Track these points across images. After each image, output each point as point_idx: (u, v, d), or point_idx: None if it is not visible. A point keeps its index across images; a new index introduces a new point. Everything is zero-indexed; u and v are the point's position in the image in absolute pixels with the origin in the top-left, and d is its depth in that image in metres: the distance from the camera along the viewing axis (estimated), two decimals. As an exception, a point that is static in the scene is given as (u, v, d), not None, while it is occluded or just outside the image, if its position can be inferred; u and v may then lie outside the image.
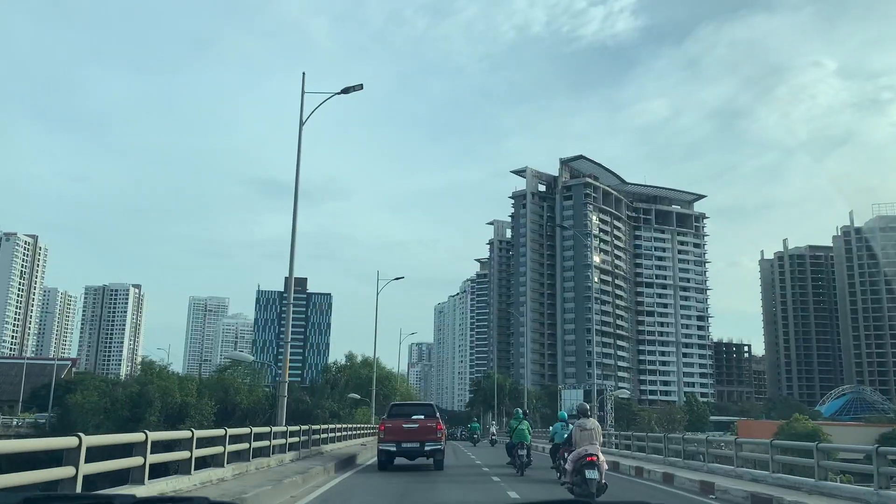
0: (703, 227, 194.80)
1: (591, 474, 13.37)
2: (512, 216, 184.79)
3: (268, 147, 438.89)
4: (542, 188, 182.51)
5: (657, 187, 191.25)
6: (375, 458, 24.96)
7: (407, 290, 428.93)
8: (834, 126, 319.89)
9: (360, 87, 26.09)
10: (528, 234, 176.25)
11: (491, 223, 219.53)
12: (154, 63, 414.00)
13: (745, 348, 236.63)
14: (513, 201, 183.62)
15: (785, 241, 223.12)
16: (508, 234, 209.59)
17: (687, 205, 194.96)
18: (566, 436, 19.65)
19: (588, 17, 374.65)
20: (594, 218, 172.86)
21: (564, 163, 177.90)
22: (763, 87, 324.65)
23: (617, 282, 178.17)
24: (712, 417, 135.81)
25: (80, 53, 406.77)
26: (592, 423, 14.30)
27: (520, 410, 27.03)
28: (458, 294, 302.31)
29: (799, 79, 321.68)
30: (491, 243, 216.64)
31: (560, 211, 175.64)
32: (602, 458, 13.96)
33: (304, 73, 26.04)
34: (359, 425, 46.98)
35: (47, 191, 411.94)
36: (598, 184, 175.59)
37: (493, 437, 58.02)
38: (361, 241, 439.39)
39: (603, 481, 13.63)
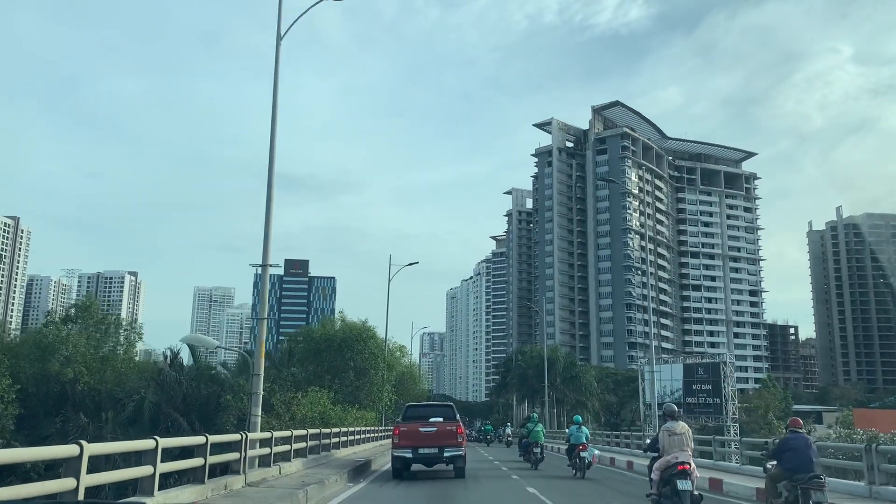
0: (754, 188, 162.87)
1: (683, 485, 11.08)
2: (535, 177, 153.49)
3: (280, 140, 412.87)
4: (569, 144, 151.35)
5: (702, 143, 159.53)
6: (390, 465, 21.36)
7: (419, 282, 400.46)
8: (849, 113, 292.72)
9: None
10: (554, 196, 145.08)
11: (508, 192, 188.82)
12: (165, 58, 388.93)
13: (791, 330, 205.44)
14: (535, 160, 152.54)
15: (839, 208, 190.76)
16: (529, 203, 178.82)
17: (734, 164, 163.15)
18: (583, 437, 22.06)
19: (601, 5, 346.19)
20: (633, 175, 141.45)
21: (597, 111, 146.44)
22: (778, 75, 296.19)
23: (659, 250, 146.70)
24: (795, 406, 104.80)
25: (93, 51, 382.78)
26: (682, 426, 11.74)
27: (535, 414, 31.23)
28: (471, 277, 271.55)
29: (814, 65, 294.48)
30: (509, 214, 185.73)
31: (593, 167, 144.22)
32: (694, 465, 11.44)
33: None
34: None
35: (64, 187, 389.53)
36: (637, 135, 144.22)
37: (509, 439, 51.41)
38: (373, 234, 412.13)
39: (697, 492, 11.35)
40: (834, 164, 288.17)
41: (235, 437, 12.98)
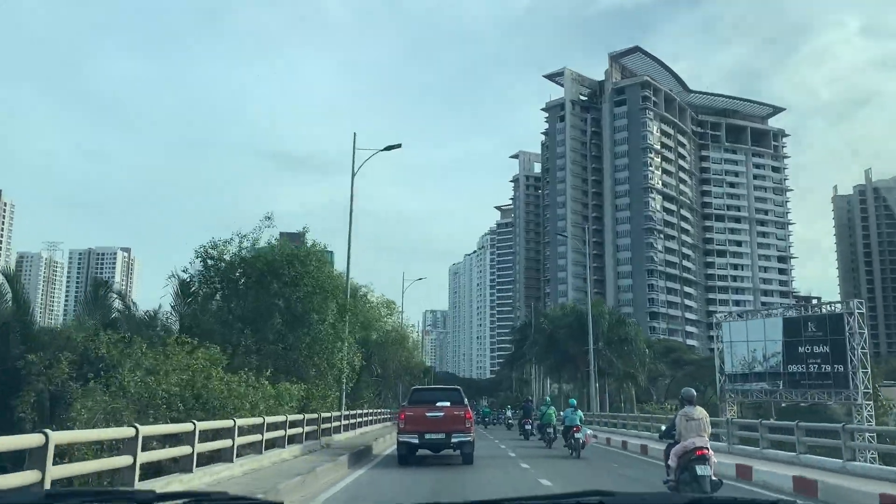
0: (782, 146, 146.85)
1: (702, 470, 10.65)
2: (546, 133, 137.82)
3: (281, 120, 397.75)
4: (583, 98, 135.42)
5: (727, 97, 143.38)
6: (394, 449, 20.05)
7: (422, 264, 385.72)
8: (856, 87, 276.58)
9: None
10: (567, 154, 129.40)
11: (515, 156, 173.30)
12: (166, 36, 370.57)
13: (814, 301, 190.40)
14: (546, 115, 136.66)
15: (867, 171, 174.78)
16: (537, 168, 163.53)
17: (761, 120, 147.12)
18: (577, 419, 23.20)
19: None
20: (654, 129, 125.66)
21: (615, 59, 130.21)
22: (783, 49, 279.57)
23: (682, 212, 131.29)
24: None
25: (92, 28, 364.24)
26: (700, 411, 11.19)
27: (548, 398, 32.14)
28: (475, 251, 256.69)
29: (821, 39, 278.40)
30: (515, 180, 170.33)
31: (610, 121, 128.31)
32: (712, 451, 11.01)
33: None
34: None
35: (62, 167, 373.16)
36: (659, 85, 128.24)
37: (510, 421, 48.06)
38: (377, 214, 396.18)
39: (716, 478, 10.99)
40: (841, 138, 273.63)
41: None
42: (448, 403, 18.82)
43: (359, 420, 24.76)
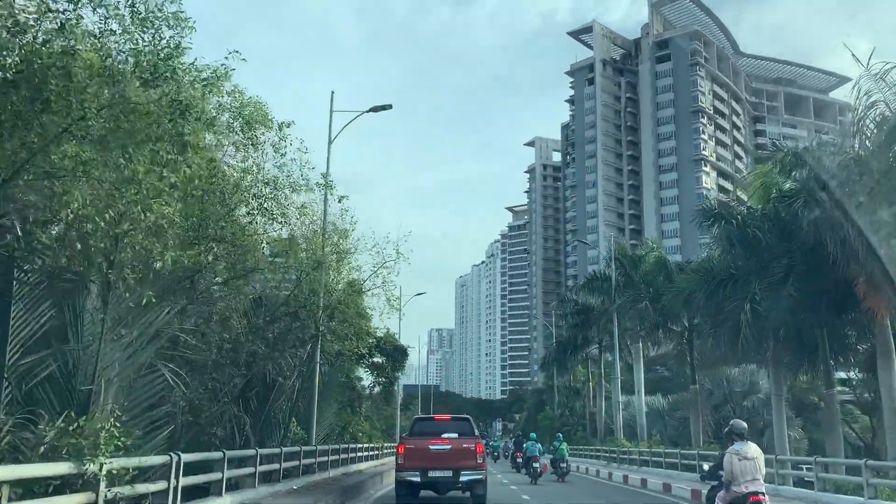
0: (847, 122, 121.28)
1: None
2: (571, 101, 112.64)
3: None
4: (616, 59, 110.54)
5: (783, 62, 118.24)
6: (392, 488, 16.83)
7: (430, 283, 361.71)
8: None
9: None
10: (598, 124, 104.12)
11: (530, 143, 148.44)
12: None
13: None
14: (571, 80, 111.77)
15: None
16: (556, 157, 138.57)
17: (823, 92, 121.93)
18: (536, 451, 26.90)
19: (613, 2, 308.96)
20: (706, 89, 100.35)
21: (656, 7, 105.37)
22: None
23: (739, 194, 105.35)
24: None
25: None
26: (754, 449, 8.63)
27: (560, 435, 32.19)
28: (483, 262, 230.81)
29: (828, 62, 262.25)
30: (531, 170, 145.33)
31: (651, 80, 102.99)
32: (768, 497, 8.57)
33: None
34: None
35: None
36: (710, 38, 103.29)
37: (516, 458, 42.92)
38: (384, 235, 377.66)
39: None
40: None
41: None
42: (456, 435, 16.01)
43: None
